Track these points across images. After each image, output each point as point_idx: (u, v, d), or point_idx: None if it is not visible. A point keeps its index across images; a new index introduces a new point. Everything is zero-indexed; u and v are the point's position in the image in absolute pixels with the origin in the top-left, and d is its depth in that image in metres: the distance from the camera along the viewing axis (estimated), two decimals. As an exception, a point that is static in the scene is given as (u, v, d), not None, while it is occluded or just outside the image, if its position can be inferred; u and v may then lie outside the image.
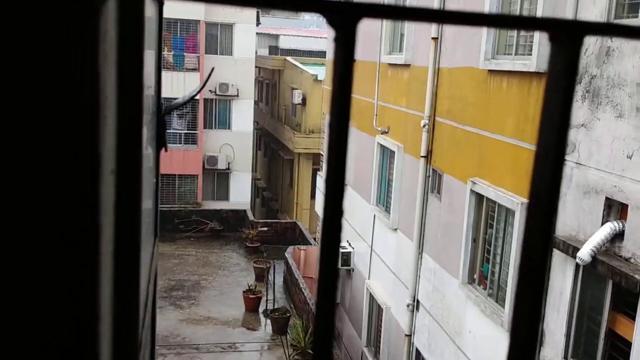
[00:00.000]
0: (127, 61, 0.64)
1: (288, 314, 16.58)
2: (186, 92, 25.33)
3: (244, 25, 26.32)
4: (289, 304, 17.91)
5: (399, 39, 12.37)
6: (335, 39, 0.42)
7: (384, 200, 13.03)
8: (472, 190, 9.03)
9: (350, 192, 15.03)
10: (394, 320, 12.17)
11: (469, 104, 9.39)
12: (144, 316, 1.34)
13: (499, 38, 8.67)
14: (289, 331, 15.85)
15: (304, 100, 26.11)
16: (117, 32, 0.59)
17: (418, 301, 11.08)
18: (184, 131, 25.92)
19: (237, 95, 26.50)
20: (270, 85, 32.35)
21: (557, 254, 7.00)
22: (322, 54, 29.90)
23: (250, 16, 26.52)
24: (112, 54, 0.57)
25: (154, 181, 1.55)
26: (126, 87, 0.64)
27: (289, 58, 29.82)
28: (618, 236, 6.20)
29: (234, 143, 26.71)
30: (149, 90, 1.31)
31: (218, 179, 27.04)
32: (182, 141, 25.87)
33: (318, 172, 19.45)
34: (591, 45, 6.66)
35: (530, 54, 7.74)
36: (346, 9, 0.42)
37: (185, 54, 25.31)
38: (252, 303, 17.43)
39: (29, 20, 0.46)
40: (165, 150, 1.70)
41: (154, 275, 1.66)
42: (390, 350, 12.37)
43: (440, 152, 10.41)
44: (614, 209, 6.35)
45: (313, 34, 40.21)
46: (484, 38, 8.74)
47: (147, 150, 1.22)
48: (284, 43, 36.72)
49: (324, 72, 23.74)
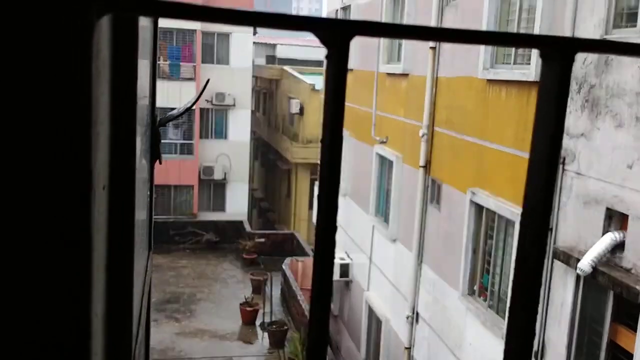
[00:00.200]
0: (121, 78, 0.62)
1: (285, 327, 16.46)
2: (182, 102, 25.35)
3: (241, 34, 26.38)
4: (287, 317, 17.79)
5: (397, 48, 12.39)
6: (327, 56, 0.43)
7: (383, 211, 12.99)
8: (472, 201, 8.99)
9: (348, 203, 14.99)
10: (393, 332, 12.09)
11: (467, 113, 9.37)
12: (137, 331, 1.30)
13: (498, 47, 8.67)
14: (287, 344, 15.73)
15: (302, 110, 26.13)
16: (111, 50, 0.57)
17: (418, 313, 11.00)
18: (180, 141, 25.90)
19: (234, 105, 26.51)
20: (267, 94, 32.40)
21: (558, 265, 6.95)
22: (320, 64, 29.98)
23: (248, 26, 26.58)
24: (106, 71, 0.56)
25: (148, 193, 1.50)
26: (120, 104, 0.62)
27: (286, 67, 29.89)
28: (619, 247, 6.16)
29: (231, 153, 26.69)
30: (143, 101, 1.27)
31: (214, 189, 26.99)
32: (178, 151, 25.84)
33: (316, 183, 19.42)
34: (589, 55, 6.64)
35: (529, 64, 7.74)
36: (338, 27, 0.43)
37: (181, 63, 25.34)
38: (249, 316, 17.31)
39: (20, 36, 0.46)
40: (160, 163, 1.65)
41: (148, 288, 1.60)
42: (389, 362, 12.28)
43: (439, 162, 10.38)
44: (615, 219, 6.32)
45: (310, 44, 40.39)
46: (482, 47, 8.74)
47: (141, 163, 1.17)
48: (281, 52, 36.84)
49: (321, 82, 23.80)
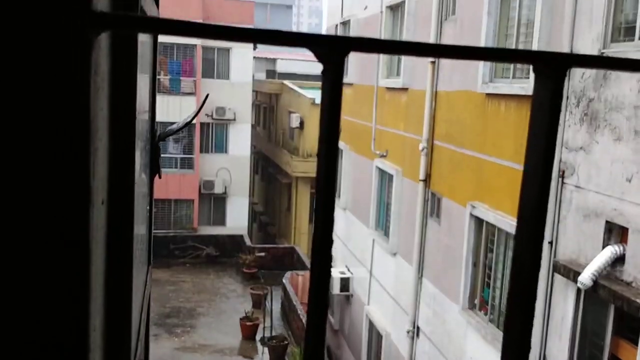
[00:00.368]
0: (120, 93, 0.62)
1: (286, 342, 16.37)
2: (182, 117, 25.38)
3: (241, 49, 26.50)
4: (287, 332, 17.70)
5: (397, 62, 12.44)
6: (323, 72, 0.44)
7: (383, 225, 12.97)
8: (472, 214, 8.98)
9: (348, 216, 14.98)
10: (393, 347, 12.01)
11: (467, 127, 9.40)
12: (136, 346, 1.29)
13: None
14: (287, 359, 15.63)
15: (302, 124, 26.19)
16: (110, 65, 0.58)
17: (418, 327, 10.95)
18: (180, 155, 25.92)
19: (234, 119, 26.57)
20: (267, 109, 32.49)
21: (558, 279, 6.93)
22: (319, 78, 30.04)
23: (248, 41, 26.71)
24: (105, 86, 0.56)
25: (147, 208, 1.51)
26: (119, 119, 0.62)
27: (286, 82, 30.00)
28: (619, 260, 6.15)
29: (231, 167, 26.70)
30: (143, 116, 1.27)
31: (215, 203, 26.96)
32: (179, 165, 25.85)
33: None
34: (588, 69, 6.68)
35: (528, 77, 7.78)
36: (333, 43, 0.43)
37: (181, 78, 25.44)
38: (249, 330, 17.22)
39: (20, 52, 0.46)
40: (159, 177, 1.65)
41: (147, 303, 1.60)
42: (389, 377, 12.19)
43: (439, 176, 10.39)
44: (615, 232, 6.31)
45: (310, 58, 40.56)
46: (481, 62, 8.78)
47: (141, 177, 1.18)
48: (281, 67, 36.99)
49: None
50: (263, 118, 33.56)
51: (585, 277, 6.17)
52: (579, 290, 6.58)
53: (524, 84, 7.83)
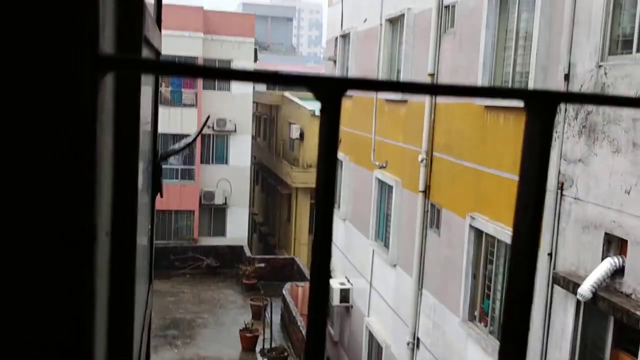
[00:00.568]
0: (124, 127, 0.64)
1: (286, 354, 16.30)
2: (183, 128, 25.42)
3: (242, 61, 26.61)
4: (287, 343, 17.63)
5: (396, 75, 12.49)
6: (321, 110, 0.46)
7: (383, 236, 12.96)
8: (471, 226, 8.99)
9: (348, 227, 14.97)
10: (394, 358, 11.97)
11: (466, 139, 9.43)
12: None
13: (495, 74, 8.76)
14: (287, 370, 15.57)
15: (302, 135, 26.24)
16: (115, 100, 0.59)
17: (418, 339, 10.92)
18: (181, 166, 25.95)
19: (235, 131, 26.63)
20: (268, 120, 32.56)
21: (558, 290, 6.93)
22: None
23: (248, 53, 26.85)
24: (110, 122, 0.57)
25: (149, 227, 1.52)
26: (122, 154, 0.64)
27: (286, 93, 30.10)
28: (618, 272, 6.15)
29: (231, 178, 26.71)
30: (145, 136, 1.29)
31: (215, 214, 26.95)
32: (179, 176, 25.87)
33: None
34: (586, 82, 6.72)
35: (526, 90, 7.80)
36: (330, 84, 0.46)
37: (183, 90, 25.53)
38: (249, 342, 17.15)
39: (30, 90, 0.48)
40: (161, 196, 1.67)
41: (148, 322, 1.61)
42: (390, 389, 12.14)
43: (438, 187, 10.40)
44: (614, 244, 6.32)
45: (310, 70, 40.72)
46: (479, 74, 8.83)
47: (143, 200, 1.19)
48: (282, 79, 37.08)
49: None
50: (263, 129, 33.63)
51: (585, 289, 6.17)
52: (578, 302, 6.57)
53: (523, 96, 7.85)
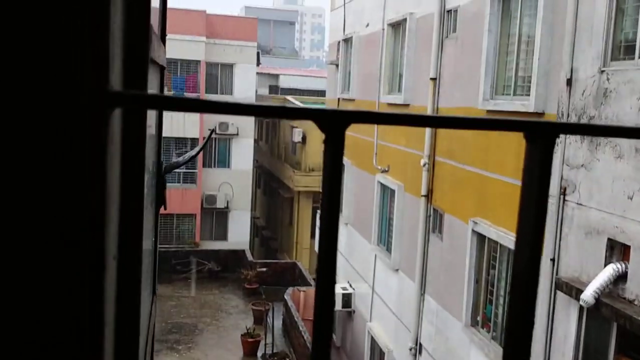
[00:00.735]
0: (131, 155, 0.64)
1: (287, 359, 16.28)
2: (186, 132, 25.42)
3: (244, 65, 26.66)
4: (289, 348, 17.60)
5: (398, 79, 12.51)
6: (325, 141, 0.48)
7: (385, 240, 12.96)
8: (474, 230, 8.98)
9: (350, 231, 14.96)
10: (395, 363, 11.95)
11: (468, 143, 9.43)
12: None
13: (497, 79, 8.76)
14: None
15: (304, 139, 26.27)
16: (122, 130, 0.60)
17: (421, 344, 10.90)
18: (183, 170, 25.96)
19: (237, 134, 26.65)
20: (270, 123, 32.60)
21: (561, 296, 6.92)
22: (322, 93, 30.26)
23: (251, 56, 26.89)
24: (117, 153, 0.58)
25: (153, 240, 1.53)
26: (128, 181, 0.64)
27: (289, 97, 30.15)
28: (621, 278, 6.13)
29: (233, 182, 26.73)
30: (150, 149, 1.30)
31: (217, 218, 26.95)
32: (181, 180, 25.89)
33: (318, 211, 19.41)
34: (588, 87, 6.72)
35: (529, 95, 7.81)
36: (334, 117, 0.48)
37: (185, 93, 25.55)
38: (251, 347, 17.13)
39: (42, 127, 0.49)
40: (165, 209, 1.68)
41: (151, 334, 1.61)
42: (392, 394, 12.11)
43: (440, 192, 10.40)
44: (617, 250, 6.30)
45: (312, 74, 40.78)
46: (482, 79, 8.83)
47: (147, 215, 1.20)
48: (284, 82, 37.20)
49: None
50: (266, 133, 33.68)
51: (588, 295, 6.15)
52: (581, 308, 6.56)
53: (525, 100, 7.86)
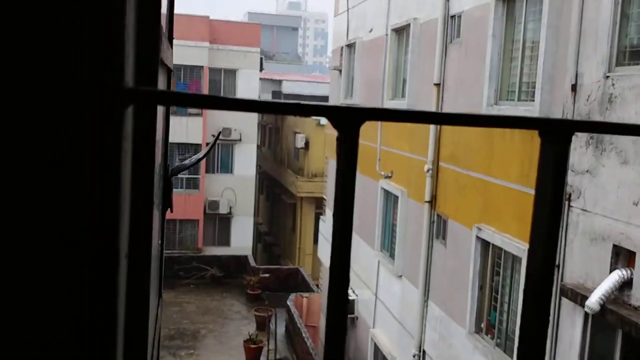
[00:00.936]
0: (141, 152, 0.64)
1: (290, 364, 16.23)
2: (189, 137, 25.46)
3: (247, 70, 26.72)
4: (292, 355, 17.56)
5: (402, 84, 12.51)
6: (338, 139, 0.47)
7: (388, 246, 12.93)
8: (478, 237, 8.95)
9: (353, 237, 14.91)
10: (399, 370, 11.90)
11: (472, 149, 9.41)
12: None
13: (502, 84, 8.75)
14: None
15: (307, 144, 26.29)
16: (134, 126, 0.60)
17: (424, 351, 10.85)
18: (186, 176, 25.99)
19: (240, 140, 26.69)
20: (273, 129, 32.66)
21: (566, 303, 6.88)
22: (325, 99, 30.31)
23: (254, 62, 26.95)
24: (129, 149, 0.58)
25: (160, 242, 1.52)
26: (139, 178, 0.64)
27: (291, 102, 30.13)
28: (627, 284, 6.10)
29: (236, 187, 26.75)
30: (157, 154, 1.29)
31: (219, 223, 26.96)
32: (184, 186, 25.92)
33: (321, 217, 19.41)
34: (593, 92, 6.70)
35: (533, 100, 7.80)
36: (349, 114, 0.47)
37: (188, 99, 25.59)
38: (253, 353, 17.08)
39: (59, 123, 0.50)
40: (172, 211, 1.67)
41: (158, 337, 1.60)
42: (395, 401, 12.05)
43: (444, 198, 10.37)
44: (622, 256, 6.27)
45: (315, 79, 40.87)
46: (486, 84, 8.82)
47: (155, 217, 1.19)
48: (287, 88, 37.28)
49: (321, 117, 23.94)
50: (268, 138, 33.72)
51: (593, 302, 6.12)
52: (586, 314, 6.52)
53: (529, 106, 7.84)
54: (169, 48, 1.69)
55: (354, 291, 14.64)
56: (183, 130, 24.16)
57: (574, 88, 6.98)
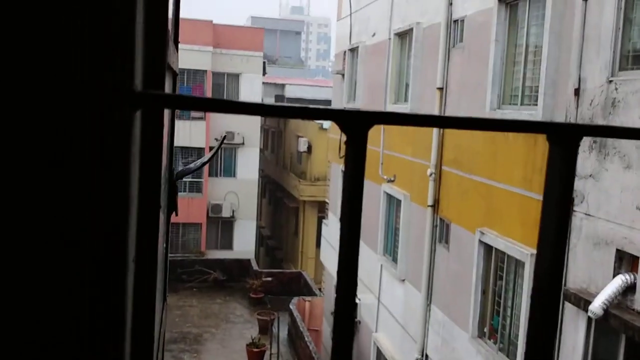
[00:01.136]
0: (147, 164, 0.65)
1: (293, 367, 16.21)
2: (192, 141, 25.48)
3: (250, 75, 26.76)
4: (294, 358, 17.54)
5: (404, 88, 12.51)
6: (347, 142, 0.47)
7: (391, 250, 12.91)
8: (481, 241, 8.94)
9: (356, 242, 14.90)
10: (401, 374, 11.87)
11: (475, 153, 9.41)
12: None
13: (504, 88, 8.75)
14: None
15: (310, 148, 26.30)
16: (141, 130, 0.60)
17: (427, 355, 10.83)
18: (189, 179, 26.02)
19: (243, 144, 26.72)
20: (276, 133, 32.68)
21: (569, 307, 6.87)
22: (328, 103, 30.33)
23: (257, 66, 26.99)
24: (137, 156, 0.58)
25: (164, 246, 1.53)
26: (146, 187, 0.65)
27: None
28: (630, 289, 6.09)
29: (239, 191, 26.76)
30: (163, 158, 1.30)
31: (222, 227, 26.97)
32: (187, 189, 25.94)
33: (323, 220, 19.40)
34: (596, 97, 6.70)
35: (536, 104, 7.79)
36: (357, 118, 0.47)
37: (192, 103, 25.63)
38: (256, 357, 17.07)
39: (72, 126, 0.51)
40: (176, 215, 1.67)
41: (162, 340, 1.60)
42: (398, 406, 12.02)
43: (447, 202, 10.37)
44: (625, 261, 6.26)
45: (318, 83, 40.91)
46: (489, 88, 8.83)
47: (160, 220, 1.20)
48: (290, 92, 37.34)
49: (329, 121, 23.94)
50: (271, 142, 33.75)
51: (596, 306, 6.10)
52: (589, 319, 6.50)
53: (532, 110, 7.84)
54: (175, 52, 1.70)
55: (356, 295, 14.61)
56: (186, 134, 24.19)
57: (577, 92, 6.98)
